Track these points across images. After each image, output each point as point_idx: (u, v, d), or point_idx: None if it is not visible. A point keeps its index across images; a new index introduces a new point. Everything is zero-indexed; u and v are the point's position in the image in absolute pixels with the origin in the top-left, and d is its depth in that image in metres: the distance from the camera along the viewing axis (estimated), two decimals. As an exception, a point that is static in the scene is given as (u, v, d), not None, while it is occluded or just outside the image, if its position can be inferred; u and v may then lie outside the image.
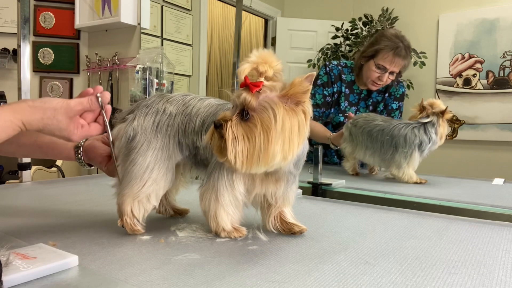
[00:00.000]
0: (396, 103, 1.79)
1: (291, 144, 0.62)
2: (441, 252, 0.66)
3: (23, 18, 1.30)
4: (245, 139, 0.61)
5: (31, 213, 0.88)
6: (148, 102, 0.75)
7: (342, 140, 1.55)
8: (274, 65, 0.63)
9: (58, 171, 2.48)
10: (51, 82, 2.83)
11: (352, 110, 1.78)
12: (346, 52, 3.50)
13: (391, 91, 1.79)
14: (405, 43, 1.65)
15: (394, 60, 1.64)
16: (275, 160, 0.62)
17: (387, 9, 3.28)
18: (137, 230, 0.72)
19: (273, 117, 0.61)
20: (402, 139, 1.37)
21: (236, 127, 0.62)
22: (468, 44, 3.12)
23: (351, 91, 1.79)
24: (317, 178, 1.25)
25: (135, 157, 0.70)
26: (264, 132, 0.61)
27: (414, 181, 1.37)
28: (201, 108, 0.73)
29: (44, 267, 0.53)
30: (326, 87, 1.78)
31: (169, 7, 2.91)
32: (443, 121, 1.37)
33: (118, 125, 0.75)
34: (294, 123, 0.62)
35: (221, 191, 0.68)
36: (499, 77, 3.02)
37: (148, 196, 0.71)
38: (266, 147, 0.61)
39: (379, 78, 1.68)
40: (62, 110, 0.63)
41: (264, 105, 0.61)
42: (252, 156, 0.61)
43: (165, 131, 0.72)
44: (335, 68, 1.81)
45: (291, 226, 0.74)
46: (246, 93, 0.61)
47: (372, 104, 1.80)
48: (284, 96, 0.62)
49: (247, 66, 0.61)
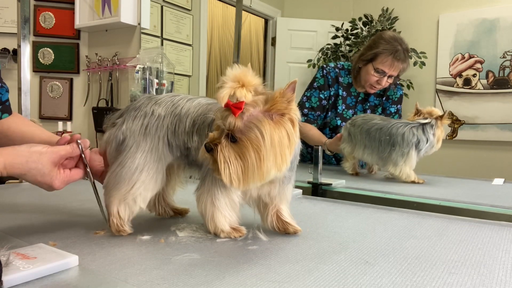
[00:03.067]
0: (394, 107, 1.79)
1: (283, 156, 0.62)
2: (441, 252, 0.66)
3: (23, 18, 1.30)
4: (237, 160, 0.62)
5: (31, 213, 0.88)
6: (137, 105, 0.74)
7: (341, 141, 1.55)
8: (252, 84, 0.61)
9: (58, 171, 2.47)
10: (51, 82, 2.83)
11: (350, 113, 1.77)
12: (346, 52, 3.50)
13: (388, 94, 1.79)
14: (403, 46, 1.63)
15: (393, 64, 1.63)
16: (270, 175, 0.63)
17: (387, 9, 3.28)
18: (123, 230, 0.71)
19: (260, 136, 0.60)
20: (400, 137, 1.38)
21: (227, 149, 0.62)
22: (468, 44, 3.12)
23: (348, 93, 1.79)
24: (317, 178, 1.25)
25: (123, 160, 0.70)
26: (255, 151, 0.61)
27: (411, 180, 1.38)
28: (191, 108, 0.73)
29: (44, 267, 0.53)
30: (323, 90, 1.77)
31: (169, 7, 2.91)
32: (442, 125, 1.38)
33: (109, 130, 0.74)
34: (282, 135, 0.62)
35: (216, 194, 0.69)
36: (499, 77, 3.02)
37: (135, 199, 0.71)
38: (259, 165, 0.61)
39: (378, 82, 1.67)
40: (47, 155, 0.64)
41: (249, 126, 0.61)
42: (247, 175, 0.62)
43: (154, 133, 0.71)
44: (332, 70, 1.80)
45: (287, 225, 0.74)
46: (231, 117, 0.61)
47: (369, 108, 1.80)
48: (268, 111, 0.61)
49: (226, 92, 0.60)
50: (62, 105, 2.83)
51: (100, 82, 2.73)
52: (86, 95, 2.82)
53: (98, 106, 2.71)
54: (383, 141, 1.41)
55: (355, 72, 1.76)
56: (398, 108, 1.80)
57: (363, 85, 1.74)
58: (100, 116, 2.61)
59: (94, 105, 2.73)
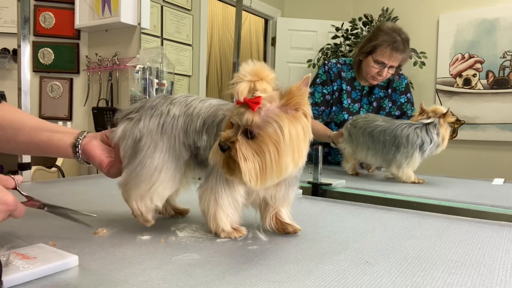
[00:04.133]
0: (403, 97, 1.77)
1: (300, 151, 0.62)
2: (441, 252, 0.66)
3: (23, 18, 1.30)
4: (255, 157, 0.61)
5: (31, 213, 0.88)
6: (153, 104, 0.75)
7: (341, 141, 1.55)
8: (269, 79, 0.61)
9: (58, 171, 2.48)
10: (51, 82, 2.83)
11: (356, 107, 1.77)
12: (346, 52, 3.50)
13: (394, 86, 1.78)
14: (402, 36, 1.63)
15: (392, 55, 1.62)
16: (287, 170, 0.62)
17: (387, 9, 3.28)
18: (149, 221, 0.73)
19: (279, 130, 0.60)
20: (404, 139, 1.37)
21: (245, 147, 0.61)
22: (468, 44, 3.12)
23: (353, 88, 1.79)
24: (317, 178, 1.25)
25: (143, 160, 0.71)
26: (273, 146, 0.60)
27: (412, 181, 1.37)
28: (202, 109, 0.73)
29: (44, 267, 0.53)
30: (326, 86, 1.77)
31: (169, 7, 2.91)
32: (445, 123, 1.36)
33: (123, 123, 0.74)
34: (299, 130, 0.61)
35: (219, 193, 0.68)
36: (499, 77, 3.02)
37: (152, 198, 0.72)
38: (277, 160, 0.61)
39: (379, 74, 1.67)
40: None
41: (268, 120, 0.60)
42: (265, 172, 0.61)
43: (170, 133, 0.72)
44: (333, 66, 1.80)
45: (286, 226, 0.74)
46: (248, 112, 0.60)
47: (375, 100, 1.79)
48: (284, 105, 0.61)
49: (245, 85, 0.59)
50: (62, 105, 2.83)
51: (100, 82, 2.73)
52: (86, 95, 2.82)
53: (98, 106, 2.71)
54: (387, 142, 1.40)
55: (357, 65, 1.77)
56: (408, 97, 1.78)
57: (365, 78, 1.74)
58: (100, 116, 2.61)
59: (94, 105, 2.73)
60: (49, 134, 0.79)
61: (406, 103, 1.78)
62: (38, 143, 0.79)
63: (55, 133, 0.79)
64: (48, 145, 0.79)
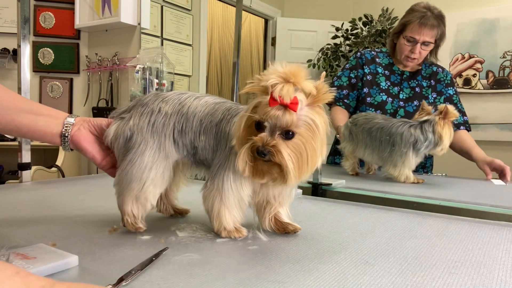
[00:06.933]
0: (451, 89, 1.74)
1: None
2: (441, 252, 0.66)
3: (23, 18, 1.30)
4: (295, 156, 0.62)
5: (31, 213, 0.88)
6: (144, 101, 0.75)
7: (342, 139, 1.55)
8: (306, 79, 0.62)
9: (58, 171, 2.48)
10: (51, 82, 2.83)
11: (395, 90, 1.74)
12: (346, 52, 3.50)
13: (438, 78, 1.74)
14: (435, 11, 1.61)
15: (421, 29, 1.60)
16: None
17: (387, 9, 3.29)
18: (139, 227, 0.72)
19: (315, 128, 0.62)
20: (398, 137, 1.36)
21: (287, 149, 0.62)
22: (468, 44, 3.12)
23: (391, 72, 1.77)
24: (317, 178, 1.25)
25: (133, 158, 0.71)
26: (310, 144, 0.62)
27: (411, 181, 1.37)
28: (198, 107, 0.73)
29: (44, 267, 0.53)
30: (353, 70, 1.78)
31: (169, 7, 2.91)
32: (444, 121, 1.32)
33: (116, 122, 0.74)
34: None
35: (226, 193, 0.68)
36: (499, 77, 3.02)
37: (146, 197, 0.72)
38: (313, 156, 0.62)
39: (412, 51, 1.65)
40: None
41: (304, 119, 0.62)
42: (302, 169, 0.63)
43: (161, 131, 0.72)
44: (367, 53, 1.81)
45: (285, 225, 0.74)
46: (288, 113, 0.60)
47: (418, 86, 1.74)
48: (313, 103, 0.63)
49: (291, 88, 0.59)
50: (62, 105, 2.83)
51: (100, 82, 2.73)
52: (86, 95, 2.82)
53: (98, 106, 2.71)
54: (383, 141, 1.40)
55: (391, 49, 1.77)
56: (455, 90, 1.76)
57: (401, 60, 1.73)
58: (100, 116, 2.61)
59: (94, 105, 2.73)
60: (32, 117, 0.73)
61: (455, 95, 1.74)
62: (19, 127, 0.73)
63: (39, 116, 0.74)
64: (30, 130, 0.74)
